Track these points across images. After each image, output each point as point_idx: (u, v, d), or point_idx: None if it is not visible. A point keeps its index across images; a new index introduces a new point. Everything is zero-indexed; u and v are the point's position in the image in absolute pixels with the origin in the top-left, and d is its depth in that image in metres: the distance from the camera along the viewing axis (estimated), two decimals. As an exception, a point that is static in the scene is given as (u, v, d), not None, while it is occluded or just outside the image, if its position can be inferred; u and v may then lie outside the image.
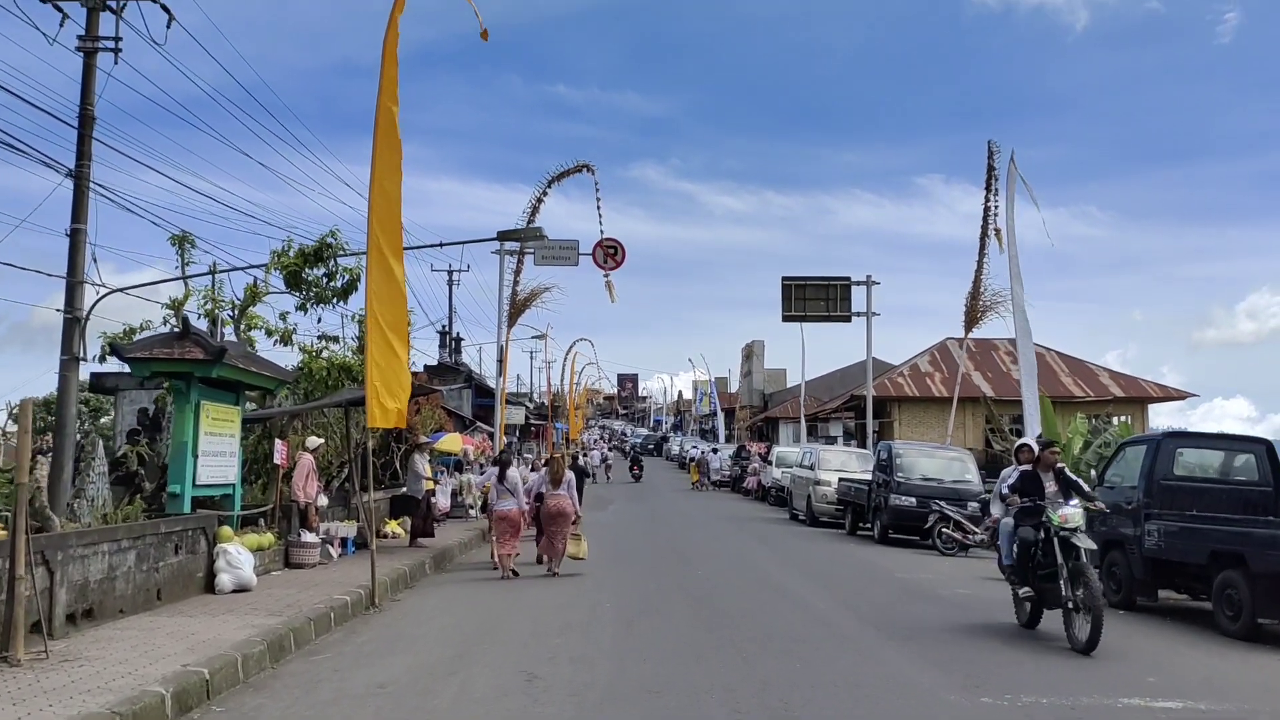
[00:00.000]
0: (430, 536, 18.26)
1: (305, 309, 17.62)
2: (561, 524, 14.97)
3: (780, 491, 35.01)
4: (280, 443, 14.91)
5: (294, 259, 16.87)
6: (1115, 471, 13.31)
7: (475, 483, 23.59)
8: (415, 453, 18.63)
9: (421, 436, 19.29)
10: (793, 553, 19.01)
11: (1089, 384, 42.60)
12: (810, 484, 26.93)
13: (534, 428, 58.53)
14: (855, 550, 20.03)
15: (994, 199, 25.01)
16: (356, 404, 19.21)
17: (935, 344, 46.27)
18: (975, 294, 26.16)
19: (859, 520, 23.94)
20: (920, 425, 42.08)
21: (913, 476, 21.49)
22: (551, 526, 15.02)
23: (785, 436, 66.13)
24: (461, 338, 47.06)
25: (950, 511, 19.94)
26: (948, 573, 16.40)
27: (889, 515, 21.36)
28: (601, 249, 26.86)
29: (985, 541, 19.74)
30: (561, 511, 14.97)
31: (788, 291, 32.36)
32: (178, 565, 11.03)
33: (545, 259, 27.50)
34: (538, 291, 24.66)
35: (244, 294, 17.53)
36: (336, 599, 11.30)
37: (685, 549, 19.24)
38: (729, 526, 25.33)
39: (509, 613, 11.58)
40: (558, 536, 14.98)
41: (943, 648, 9.66)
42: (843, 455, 28.47)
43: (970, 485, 21.50)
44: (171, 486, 12.24)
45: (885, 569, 16.60)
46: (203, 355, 12.08)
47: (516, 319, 24.67)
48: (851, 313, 32.34)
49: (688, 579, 14.61)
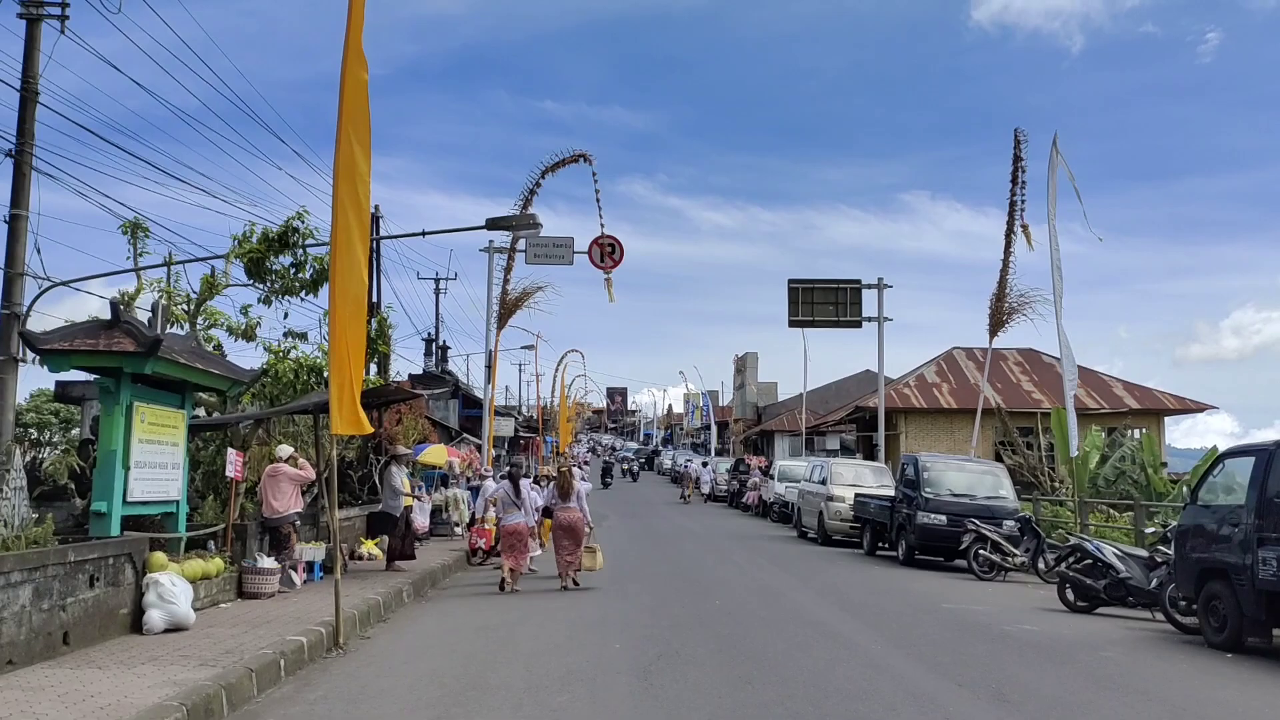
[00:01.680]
0: (409, 558, 16.26)
1: (269, 302, 15.62)
2: (573, 537, 14.78)
3: (784, 507, 33.11)
4: (234, 453, 12.89)
5: (256, 245, 14.88)
6: (1213, 488, 11.37)
7: (464, 498, 21.54)
8: (393, 465, 16.61)
9: (400, 448, 17.27)
10: (816, 577, 17.03)
11: (1102, 395, 40.80)
12: (822, 500, 24.97)
13: (523, 440, 56.46)
14: (883, 574, 18.05)
15: (1020, 192, 23.18)
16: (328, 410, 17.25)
17: (941, 353, 44.41)
18: (1000, 295, 24.24)
19: (878, 539, 21.99)
20: (928, 438, 40.15)
21: (942, 492, 19.56)
22: (564, 540, 14.84)
23: (781, 450, 64.30)
24: (448, 346, 45.04)
25: (988, 531, 18.00)
26: (1001, 602, 14.44)
27: (917, 534, 19.41)
28: (599, 247, 24.93)
29: (1026, 564, 17.83)
30: (573, 524, 14.81)
31: (794, 294, 30.43)
32: (94, 601, 9.00)
33: (538, 257, 25.56)
34: (530, 291, 22.69)
35: (200, 286, 15.51)
36: (290, 640, 9.30)
37: (696, 573, 17.25)
38: (736, 546, 23.35)
39: (499, 656, 9.59)
40: (570, 550, 14.79)
41: (1057, 711, 7.69)
42: (856, 469, 26.52)
43: (1006, 502, 19.57)
44: (96, 504, 10.24)
45: (927, 597, 14.64)
46: (134, 347, 10.08)
47: (507, 320, 22.70)
48: (862, 317, 30.41)
49: (706, 611, 12.62)
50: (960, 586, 16.51)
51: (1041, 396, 39.74)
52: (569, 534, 14.82)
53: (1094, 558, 13.67)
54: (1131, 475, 29.61)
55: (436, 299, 44.04)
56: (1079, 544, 14.12)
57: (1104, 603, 13.59)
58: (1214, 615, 10.82)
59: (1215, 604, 10.78)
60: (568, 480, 15.16)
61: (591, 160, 22.76)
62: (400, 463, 16.74)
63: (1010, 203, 23.25)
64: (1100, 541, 14.29)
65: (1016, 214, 23.23)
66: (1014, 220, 23.32)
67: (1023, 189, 23.13)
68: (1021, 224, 23.19)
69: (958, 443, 39.74)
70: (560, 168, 22.75)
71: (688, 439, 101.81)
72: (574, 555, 14.79)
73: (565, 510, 14.89)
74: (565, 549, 14.83)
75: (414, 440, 25.29)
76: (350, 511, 18.56)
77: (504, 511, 15.07)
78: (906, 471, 20.70)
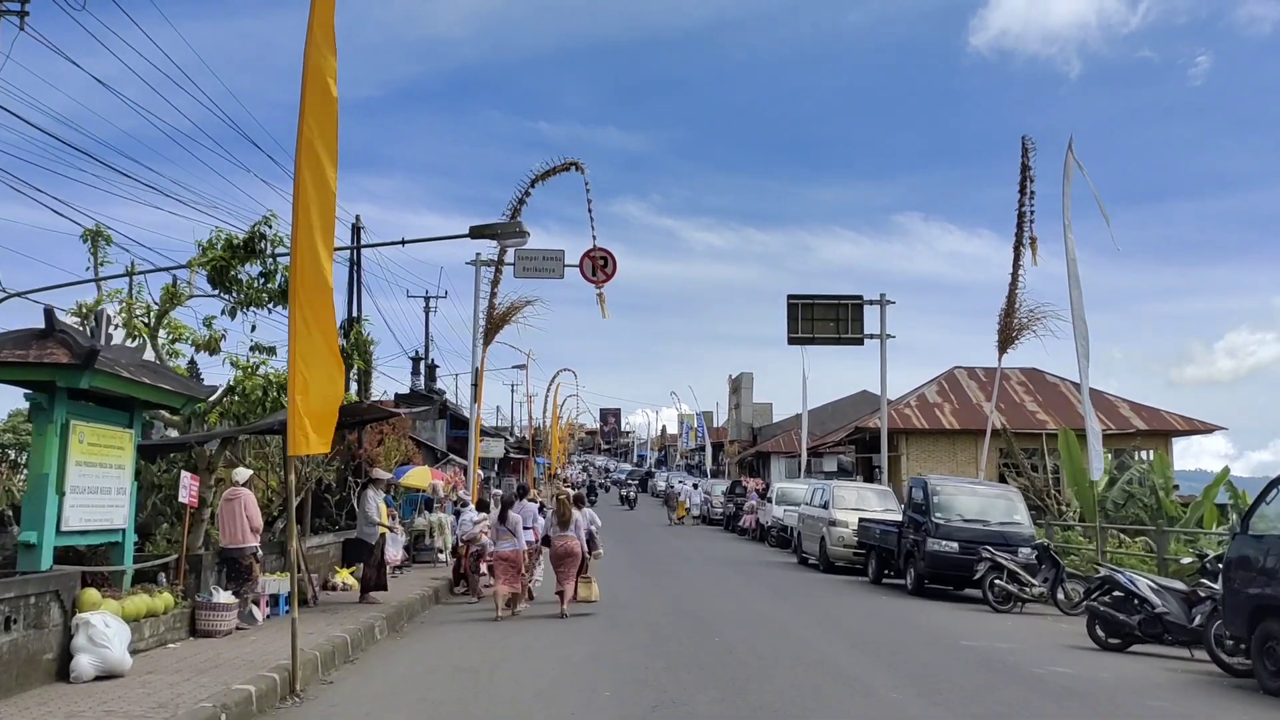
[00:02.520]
0: (383, 589, 15.14)
1: (235, 314, 14.52)
2: (570, 565, 14.62)
3: (782, 532, 31.98)
4: (189, 476, 11.79)
5: (220, 252, 13.80)
6: (1267, 516, 10.29)
7: (448, 523, 20.40)
8: (369, 489, 15.50)
9: (379, 470, 16.16)
10: (821, 609, 15.92)
11: (1108, 416, 39.70)
12: (824, 525, 23.87)
13: (514, 461, 55.28)
14: (892, 605, 16.94)
15: (1029, 204, 22.18)
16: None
17: (943, 373, 43.37)
18: (1009, 311, 23.19)
19: (884, 567, 20.88)
20: (930, 459, 39.06)
21: (953, 517, 18.47)
22: (560, 568, 14.68)
23: (777, 471, 63.17)
24: (436, 365, 43.93)
25: (1003, 559, 16.91)
26: (1024, 638, 13.34)
27: (927, 562, 18.31)
28: (590, 260, 23.89)
29: (1045, 595, 16.74)
30: (570, 552, 14.62)
31: (794, 311, 29.39)
32: (10, 646, 7.89)
33: (527, 270, 24.52)
34: (518, 305, 21.62)
35: (160, 296, 14.45)
36: (237, 689, 8.19)
37: (694, 603, 16.13)
38: (734, 573, 22.22)
39: (476, 705, 8.49)
40: (566, 578, 14.61)
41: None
42: (859, 492, 25.42)
43: (1021, 528, 18.48)
44: (25, 534, 9.14)
45: (943, 632, 13.54)
46: (68, 359, 9.00)
47: (493, 336, 21.62)
48: (864, 335, 29.37)
49: (706, 649, 11.52)
50: (976, 620, 15.42)
51: (1046, 417, 38.68)
52: (564, 563, 14.67)
53: (1126, 591, 12.59)
54: (1141, 498, 28.62)
55: (426, 317, 42.99)
56: (1110, 575, 13.04)
57: (1138, 640, 12.50)
58: (1270, 658, 9.74)
59: (1272, 645, 9.70)
60: (566, 508, 14.99)
61: (583, 169, 21.78)
62: (378, 486, 15.62)
63: (1019, 215, 22.27)
64: (1133, 573, 13.21)
65: (1025, 226, 22.25)
66: (1023, 233, 22.33)
67: (1031, 200, 22.17)
68: (1030, 237, 22.20)
69: (960, 464, 38.70)
70: (551, 176, 21.75)
71: (682, 460, 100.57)
72: (569, 585, 14.63)
73: (563, 539, 14.72)
74: (562, 577, 14.68)
75: (396, 462, 24.16)
76: (325, 538, 17.46)
77: (496, 538, 14.85)
78: (914, 495, 19.62)
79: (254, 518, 12.01)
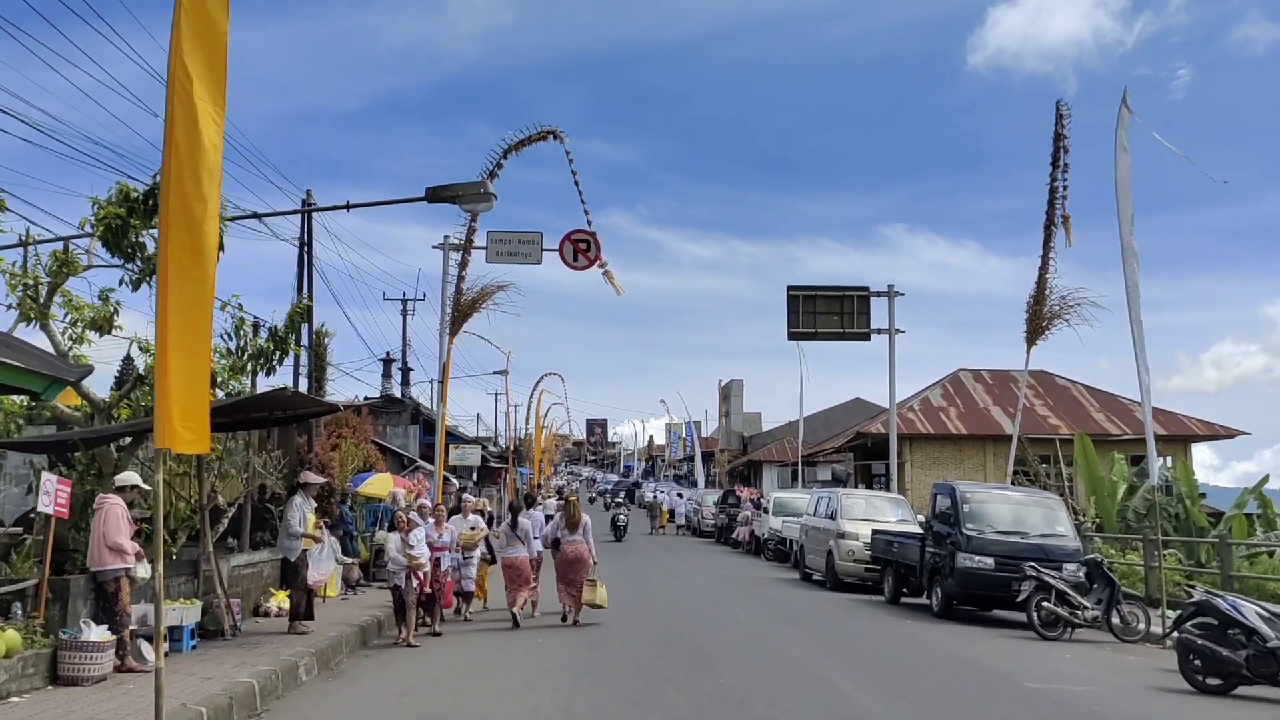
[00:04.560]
0: (309, 618, 12.68)
1: (138, 286, 12.01)
2: (578, 570, 14.28)
3: (781, 545, 29.55)
4: (53, 479, 9.32)
5: (114, 207, 11.31)
6: None
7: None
8: (296, 496, 13.02)
9: (309, 474, 13.61)
10: (841, 639, 13.47)
11: (1124, 421, 37.55)
12: (832, 537, 21.44)
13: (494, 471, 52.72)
14: (921, 632, 14.50)
15: (1061, 177, 19.80)
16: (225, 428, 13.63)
17: (947, 375, 41.13)
18: (1039, 298, 20.79)
19: (902, 585, 18.44)
20: (936, 466, 36.73)
21: (987, 529, 16.08)
22: (569, 574, 14.35)
23: (769, 481, 60.75)
24: (411, 369, 41.37)
25: (1050, 578, 14.51)
26: (1094, 676, 10.90)
27: (957, 581, 15.90)
28: (571, 243, 21.45)
29: (1100, 619, 14.35)
30: (579, 558, 14.28)
31: (794, 304, 26.94)
32: None
33: (501, 255, 22.04)
34: (488, 292, 19.14)
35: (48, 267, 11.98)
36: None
37: (691, 632, 13.68)
38: (733, 593, 19.75)
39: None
40: (575, 584, 14.29)
41: None
42: (870, 501, 23.01)
43: (1065, 540, 16.11)
44: None
45: (996, 670, 11.09)
46: None
47: (461, 325, 19.15)
48: (870, 329, 26.99)
49: (709, 696, 9.07)
50: (1026, 651, 13.00)
51: (1058, 421, 36.35)
52: (573, 568, 14.30)
53: (1226, 619, 10.19)
54: (1166, 508, 26.46)
55: (404, 320, 40.51)
56: (1206, 600, 10.61)
57: (1244, 680, 10.07)
58: None
59: None
60: (575, 511, 14.64)
61: (563, 137, 19.35)
62: (307, 493, 13.11)
63: (1050, 190, 19.86)
64: (1235, 597, 10.79)
65: (1057, 203, 19.87)
66: (1054, 210, 19.93)
67: (1064, 174, 19.79)
68: (1062, 214, 19.81)
69: (967, 471, 36.38)
70: (526, 146, 19.32)
71: (670, 471, 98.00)
72: (577, 591, 14.26)
73: (571, 544, 14.33)
74: (570, 584, 14.32)
75: (354, 469, 21.68)
76: (258, 555, 14.95)
77: (505, 545, 14.58)
78: (939, 504, 17.22)
79: (111, 533, 9.48)
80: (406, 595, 12.62)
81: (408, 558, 12.67)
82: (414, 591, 12.70)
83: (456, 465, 37.97)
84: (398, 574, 12.72)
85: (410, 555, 12.71)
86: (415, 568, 12.69)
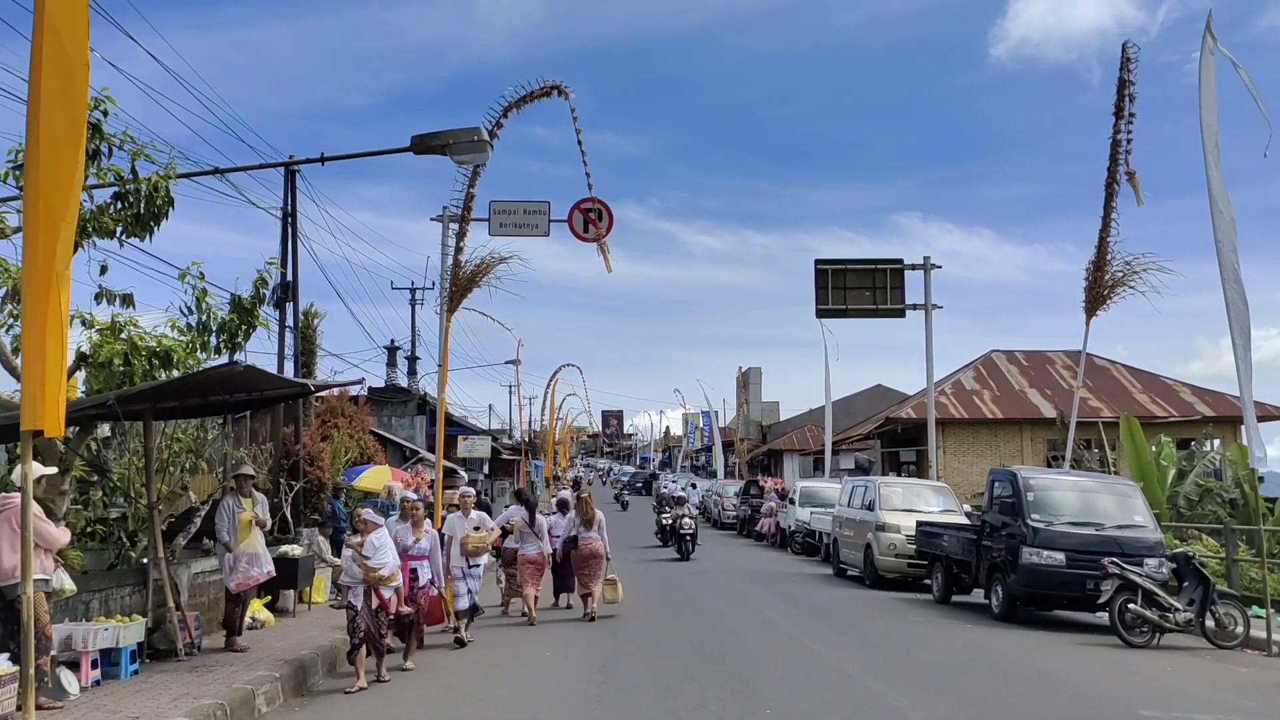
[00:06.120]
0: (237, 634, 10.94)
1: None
2: (595, 567, 14.21)
3: (809, 537, 27.71)
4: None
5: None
6: None
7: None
8: (230, 496, 11.19)
9: (246, 467, 11.68)
10: (899, 651, 11.59)
11: (1169, 402, 35.50)
12: (870, 530, 19.55)
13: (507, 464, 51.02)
14: (988, 640, 12.60)
15: (1125, 128, 17.76)
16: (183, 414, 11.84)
17: (979, 357, 39.14)
18: (1099, 264, 18.71)
19: (952, 583, 16.55)
20: (969, 453, 34.81)
21: (1057, 520, 14.17)
22: (584, 570, 14.24)
23: (790, 471, 58.82)
24: (419, 358, 39.60)
25: (1135, 575, 12.61)
26: (1220, 699, 8.98)
27: (1022, 579, 14.01)
28: (580, 213, 19.59)
29: (1194, 623, 12.45)
30: (595, 554, 14.22)
31: (823, 278, 24.95)
32: None
33: (505, 227, 20.20)
34: (489, 263, 17.31)
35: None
36: None
37: (723, 643, 11.84)
38: (764, 592, 17.91)
39: None
40: (592, 580, 14.16)
41: None
42: (911, 490, 21.06)
43: (1144, 532, 14.19)
44: None
45: (1098, 694, 9.18)
46: None
47: (460, 300, 17.31)
48: (905, 305, 25.02)
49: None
50: (1118, 663, 11.11)
51: (1099, 404, 34.23)
52: (589, 565, 14.18)
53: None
54: (1221, 493, 24.53)
55: (412, 309, 38.70)
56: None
57: None
58: None
59: None
60: (590, 508, 14.55)
61: (568, 93, 17.43)
62: (242, 488, 11.22)
63: (1112, 143, 17.72)
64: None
65: (1120, 158, 17.82)
66: (1116, 166, 17.86)
67: (1129, 124, 17.70)
68: (1126, 170, 17.78)
69: (1004, 457, 34.41)
70: (529, 103, 17.40)
71: (686, 461, 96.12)
72: (594, 587, 14.13)
73: (588, 540, 14.23)
74: (585, 580, 14.19)
75: (349, 461, 19.93)
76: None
77: (521, 540, 13.94)
78: (997, 491, 15.32)
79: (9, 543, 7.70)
80: (361, 621, 9.55)
81: (364, 569, 9.59)
82: (374, 617, 9.62)
83: (466, 458, 36.24)
84: (354, 590, 9.69)
85: (367, 566, 9.58)
86: (374, 583, 9.63)
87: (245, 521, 10.87)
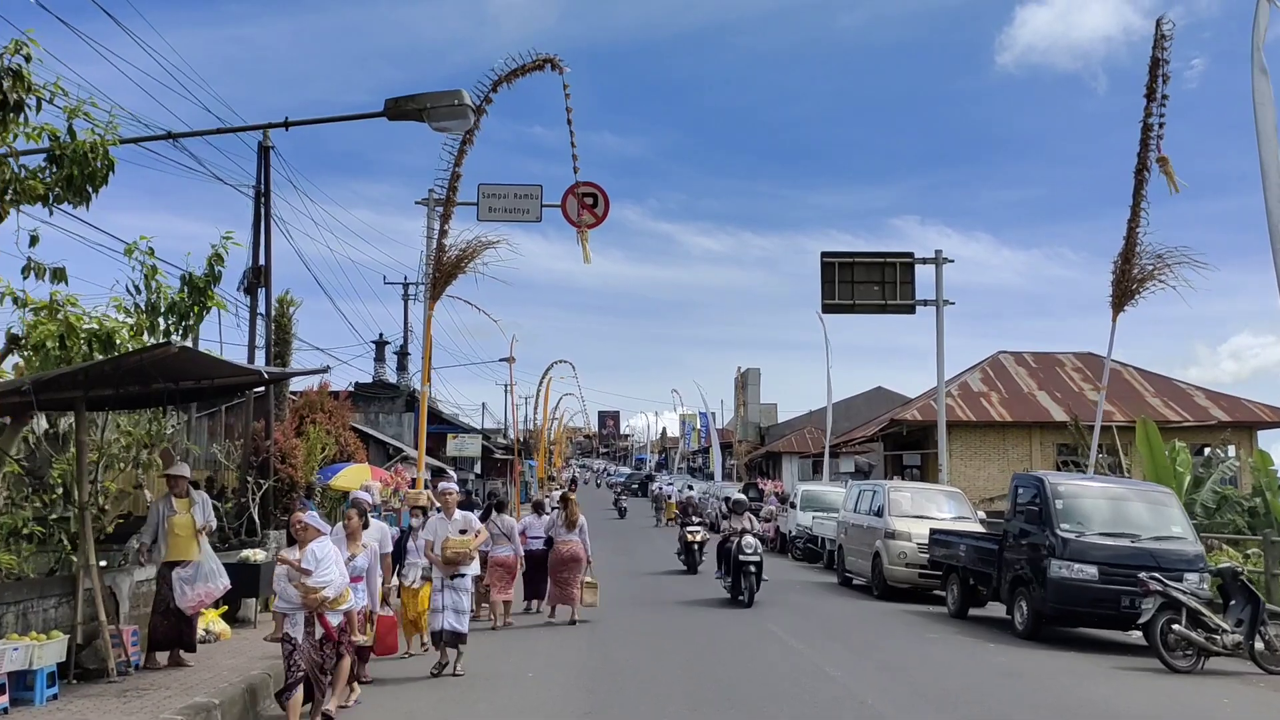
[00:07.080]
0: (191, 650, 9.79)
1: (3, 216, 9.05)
2: (574, 570, 14.01)
3: (810, 543, 26.60)
4: None
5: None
6: None
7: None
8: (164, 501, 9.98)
9: (179, 463, 10.46)
10: (922, 676, 10.44)
11: (1183, 406, 34.39)
12: (879, 537, 18.40)
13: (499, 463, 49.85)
14: (1017, 663, 11.45)
15: (1157, 110, 16.59)
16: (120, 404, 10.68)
17: (986, 359, 38.04)
18: (1127, 256, 17.54)
19: (971, 595, 15.41)
20: (976, 457, 33.69)
21: (1088, 530, 13.02)
22: (563, 573, 14.00)
23: (789, 473, 57.69)
24: (408, 352, 38.44)
25: (1179, 593, 11.47)
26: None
27: (1051, 594, 12.85)
28: (575, 197, 18.45)
29: (1242, 645, 11.29)
30: (575, 557, 14.04)
31: (829, 272, 23.79)
32: None
33: (495, 211, 19.09)
34: (475, 248, 16.13)
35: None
36: None
37: (727, 664, 10.69)
38: (767, 602, 16.72)
39: None
40: (571, 584, 13.95)
41: None
42: (922, 495, 19.89)
43: (1183, 544, 13.04)
44: None
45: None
46: None
47: (444, 287, 16.14)
48: (915, 300, 23.89)
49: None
50: (1165, 691, 9.98)
51: (1111, 407, 33.07)
52: (568, 567, 13.99)
53: None
54: (1239, 501, 23.48)
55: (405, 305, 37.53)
56: None
57: None
58: None
59: None
60: (574, 510, 14.42)
61: (562, 67, 16.29)
62: (175, 488, 9.98)
63: (1143, 126, 16.51)
64: None
65: (1151, 143, 16.64)
66: (1147, 151, 16.67)
67: (1162, 105, 16.54)
68: (1158, 156, 16.59)
69: (1012, 461, 33.28)
70: (519, 76, 16.23)
71: (684, 463, 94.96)
72: (573, 590, 13.94)
73: (568, 543, 14.10)
74: (564, 583, 14.00)
75: (325, 459, 18.73)
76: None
77: (492, 544, 13.29)
78: (1021, 498, 14.17)
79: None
80: (300, 657, 7.57)
81: (302, 589, 7.61)
82: (318, 649, 7.68)
83: (455, 456, 35.07)
84: (290, 618, 7.71)
85: (306, 586, 7.59)
86: (313, 605, 7.64)
87: (180, 527, 9.66)
